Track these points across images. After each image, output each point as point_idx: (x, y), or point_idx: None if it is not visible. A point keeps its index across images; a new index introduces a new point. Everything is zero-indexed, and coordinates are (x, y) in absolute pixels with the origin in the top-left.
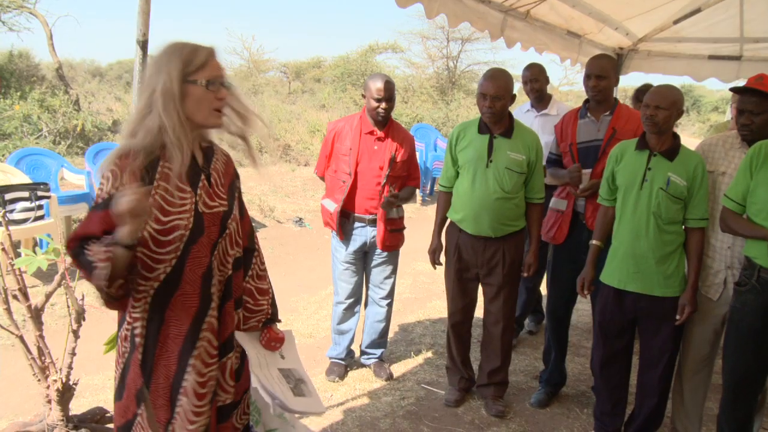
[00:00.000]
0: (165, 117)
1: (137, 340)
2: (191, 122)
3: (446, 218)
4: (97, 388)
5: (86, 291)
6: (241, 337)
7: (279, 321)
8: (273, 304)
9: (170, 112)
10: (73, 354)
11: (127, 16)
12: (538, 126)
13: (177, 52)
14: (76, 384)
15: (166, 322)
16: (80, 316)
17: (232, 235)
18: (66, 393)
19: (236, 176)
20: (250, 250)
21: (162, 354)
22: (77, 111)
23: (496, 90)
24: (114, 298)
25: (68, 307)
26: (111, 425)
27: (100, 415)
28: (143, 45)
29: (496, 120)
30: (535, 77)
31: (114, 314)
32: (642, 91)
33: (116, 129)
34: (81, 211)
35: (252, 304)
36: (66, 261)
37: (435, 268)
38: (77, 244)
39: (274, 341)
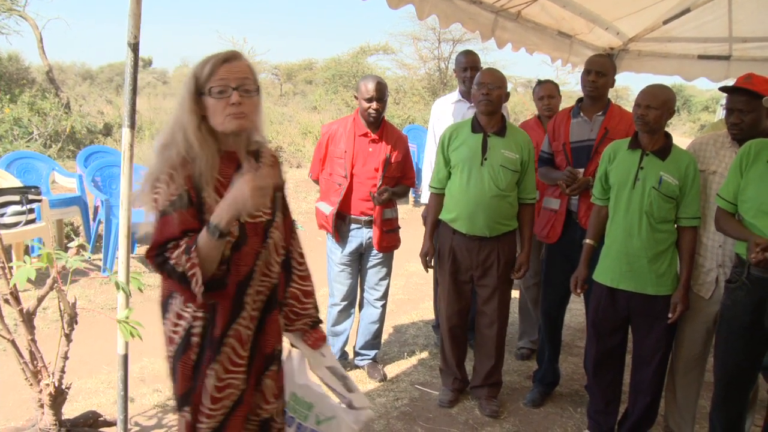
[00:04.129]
0: (186, 131)
1: (194, 339)
2: (215, 131)
3: (438, 220)
4: (90, 392)
5: (78, 294)
6: (291, 337)
7: (321, 322)
8: (316, 306)
9: (191, 127)
10: (66, 358)
11: (117, 19)
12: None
13: (193, 69)
14: (68, 388)
15: (214, 323)
16: (72, 319)
17: (276, 244)
18: (58, 397)
19: (281, 179)
20: (290, 251)
21: (208, 355)
22: (68, 114)
23: (492, 79)
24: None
25: (60, 310)
26: (104, 429)
27: (93, 419)
28: (134, 47)
29: (491, 110)
30: (474, 65)
31: (104, 320)
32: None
33: (108, 132)
34: (73, 215)
35: (298, 308)
36: (57, 265)
37: (427, 271)
38: (157, 252)
39: (320, 340)
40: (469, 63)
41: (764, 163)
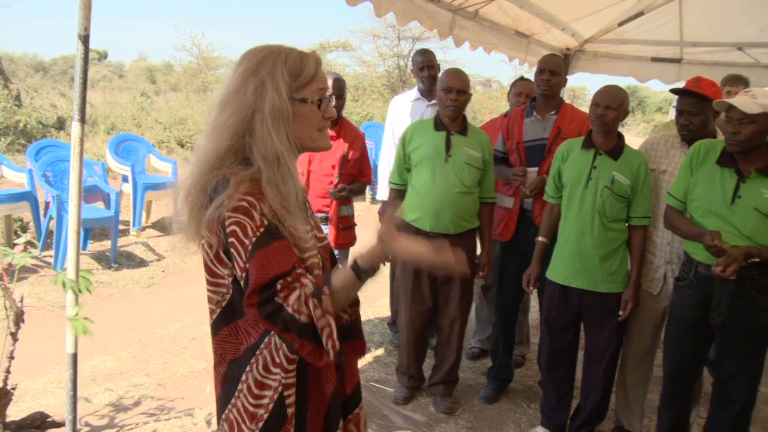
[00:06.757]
0: (278, 143)
1: (290, 411)
2: (300, 147)
3: None
4: (38, 392)
5: (28, 292)
6: None
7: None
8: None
9: (282, 138)
10: (12, 357)
11: (71, 10)
12: (431, 115)
13: (280, 62)
14: (14, 388)
15: (309, 382)
16: (19, 318)
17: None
18: (2, 398)
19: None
20: None
21: (313, 421)
22: (18, 107)
23: (462, 84)
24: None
25: (6, 309)
26: (53, 430)
27: (41, 420)
28: (85, 40)
29: (457, 115)
30: (431, 63)
31: (54, 318)
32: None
33: (61, 126)
34: (22, 210)
35: None
36: (3, 261)
37: (384, 264)
38: (263, 298)
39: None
40: (425, 62)
41: (712, 164)
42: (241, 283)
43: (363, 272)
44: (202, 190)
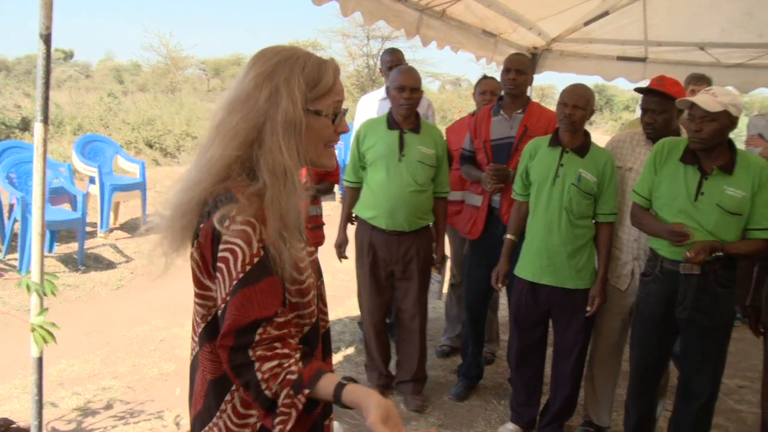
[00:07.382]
0: (287, 157)
1: (279, 428)
2: (305, 161)
3: (355, 215)
4: (3, 398)
5: None
6: None
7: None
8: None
9: (292, 152)
10: None
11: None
12: None
13: (298, 69)
14: None
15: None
16: None
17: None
18: None
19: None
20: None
21: None
22: None
23: (414, 82)
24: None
25: None
26: None
27: (5, 427)
28: (46, 39)
29: (411, 113)
30: (399, 62)
31: (19, 322)
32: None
33: (26, 126)
34: None
35: None
36: None
37: (341, 261)
38: (238, 343)
39: None
40: (394, 61)
41: (676, 162)
42: (219, 312)
43: (341, 403)
44: (205, 201)
